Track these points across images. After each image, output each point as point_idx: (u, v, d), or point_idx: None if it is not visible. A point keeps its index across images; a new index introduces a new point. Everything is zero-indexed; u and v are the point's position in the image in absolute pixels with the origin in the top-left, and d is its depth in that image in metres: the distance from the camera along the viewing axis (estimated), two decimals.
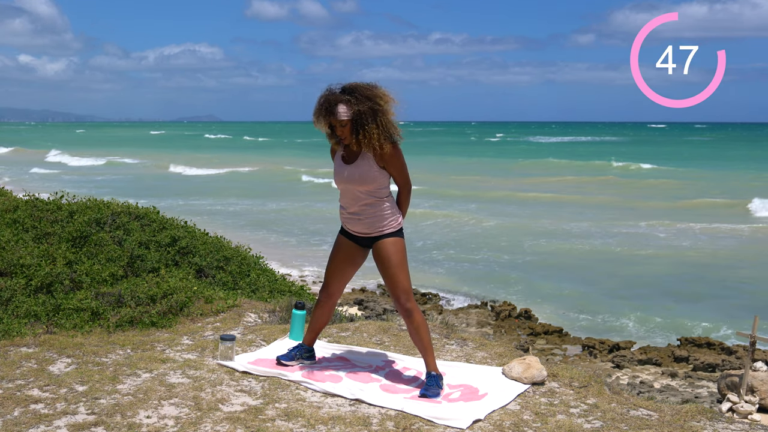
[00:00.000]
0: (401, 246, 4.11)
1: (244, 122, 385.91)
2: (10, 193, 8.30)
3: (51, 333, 4.95)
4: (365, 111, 3.76)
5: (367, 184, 3.99)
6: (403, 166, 4.03)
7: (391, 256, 4.07)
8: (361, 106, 3.76)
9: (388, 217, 4.09)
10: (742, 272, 17.38)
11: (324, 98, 3.82)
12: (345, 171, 4.01)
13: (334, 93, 3.82)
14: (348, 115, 3.79)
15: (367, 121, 3.77)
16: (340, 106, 3.79)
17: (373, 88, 3.83)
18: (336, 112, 3.79)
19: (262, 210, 27.28)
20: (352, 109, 3.77)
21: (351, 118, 3.79)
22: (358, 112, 3.76)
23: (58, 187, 8.60)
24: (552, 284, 16.12)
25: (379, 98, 3.79)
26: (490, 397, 4.03)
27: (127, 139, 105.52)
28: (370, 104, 3.77)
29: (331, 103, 3.79)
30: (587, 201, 30.51)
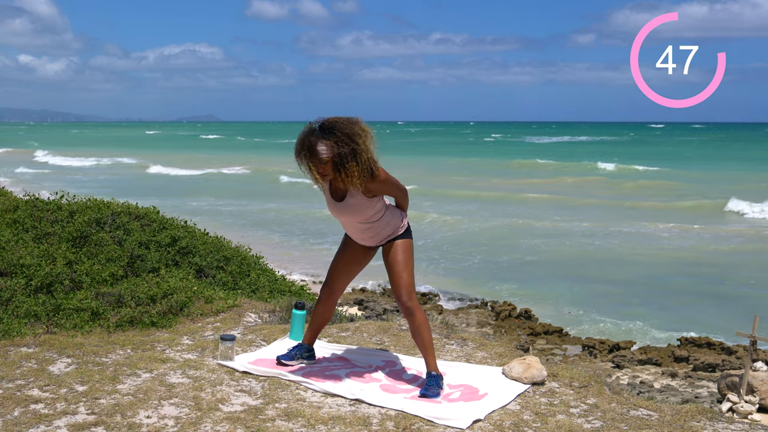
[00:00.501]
0: (409, 246, 4.16)
1: (244, 122, 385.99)
2: (11, 193, 8.30)
3: (51, 333, 4.95)
4: (345, 152, 3.72)
5: (362, 215, 4.01)
6: (392, 186, 4.01)
7: (398, 255, 4.11)
8: (341, 147, 3.71)
9: (393, 226, 4.13)
10: (742, 272, 17.39)
11: (304, 139, 3.77)
12: (336, 207, 4.02)
13: (314, 133, 3.76)
14: (328, 154, 3.73)
15: (347, 160, 3.73)
16: (320, 145, 3.73)
17: (352, 125, 3.77)
18: (316, 152, 3.74)
19: (241, 211, 27.08)
20: (332, 149, 3.72)
21: (331, 157, 3.73)
22: (338, 153, 3.72)
23: (38, 185, 8.62)
24: (552, 284, 16.12)
25: (358, 137, 3.74)
26: (490, 397, 4.03)
27: (121, 139, 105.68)
28: (350, 144, 3.72)
29: (311, 144, 3.74)
30: (575, 203, 30.41)
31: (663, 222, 24.36)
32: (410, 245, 4.18)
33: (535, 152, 64.99)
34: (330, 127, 3.74)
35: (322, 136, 3.74)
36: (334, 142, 3.71)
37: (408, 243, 4.16)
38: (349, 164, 3.72)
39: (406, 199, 4.19)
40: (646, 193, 34.05)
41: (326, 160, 3.74)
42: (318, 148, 3.73)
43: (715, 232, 22.75)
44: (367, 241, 4.19)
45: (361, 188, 3.85)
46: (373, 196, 3.95)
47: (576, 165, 48.69)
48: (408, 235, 4.19)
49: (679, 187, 35.44)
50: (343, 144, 3.70)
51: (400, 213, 4.18)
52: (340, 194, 3.99)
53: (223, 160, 53.54)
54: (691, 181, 38.14)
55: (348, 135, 3.71)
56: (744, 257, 19.15)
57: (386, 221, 4.09)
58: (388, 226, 4.11)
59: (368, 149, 3.77)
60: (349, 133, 3.72)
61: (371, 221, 4.06)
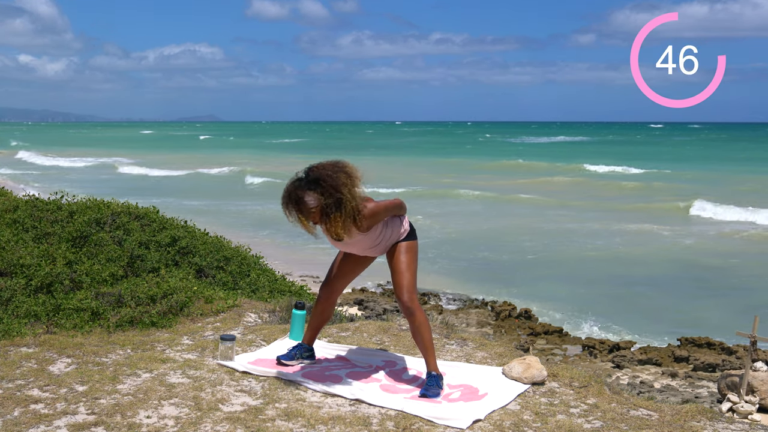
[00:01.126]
0: (413, 247, 4.21)
1: (244, 122, 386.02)
2: (11, 193, 8.30)
3: (51, 333, 4.95)
4: (330, 203, 3.76)
5: (363, 245, 4.10)
6: (384, 213, 4.02)
7: (402, 256, 4.15)
8: (327, 199, 3.75)
9: (396, 235, 4.17)
10: (742, 272, 17.39)
11: (291, 191, 3.81)
12: (339, 244, 4.12)
13: (300, 185, 3.79)
14: (315, 204, 3.76)
15: (332, 210, 3.77)
16: (306, 197, 3.76)
17: (338, 173, 3.79)
18: (304, 204, 3.77)
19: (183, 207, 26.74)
20: (318, 200, 3.76)
21: (319, 204, 3.77)
22: (324, 205, 3.76)
23: (13, 184, 8.61)
24: (552, 284, 16.12)
25: (343, 186, 3.76)
26: (490, 397, 4.03)
27: (112, 139, 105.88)
28: (335, 195, 3.75)
29: (298, 197, 3.77)
30: (544, 203, 30.32)
31: (623, 223, 24.33)
32: (414, 246, 4.23)
33: (522, 153, 64.95)
34: (316, 178, 3.77)
35: (308, 187, 3.77)
36: (320, 194, 3.75)
37: (412, 244, 4.21)
38: (333, 215, 3.77)
39: (402, 210, 4.21)
40: (620, 194, 33.94)
41: (314, 210, 3.78)
42: (305, 200, 3.76)
43: (738, 235, 22.68)
44: (373, 253, 4.25)
45: (345, 233, 3.87)
46: (368, 230, 3.99)
47: (556, 166, 48.26)
48: (412, 237, 4.24)
49: (661, 188, 35.34)
50: (329, 195, 3.75)
51: (400, 220, 4.20)
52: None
53: (208, 161, 53.45)
54: (674, 181, 38.00)
55: (333, 186, 3.75)
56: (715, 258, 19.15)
57: (388, 236, 4.15)
58: (391, 238, 4.17)
59: (354, 197, 3.80)
60: (334, 185, 3.75)
61: (374, 244, 4.13)
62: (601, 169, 46.11)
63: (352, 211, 3.81)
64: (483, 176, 41.89)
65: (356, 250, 4.18)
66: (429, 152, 65.89)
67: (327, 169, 3.80)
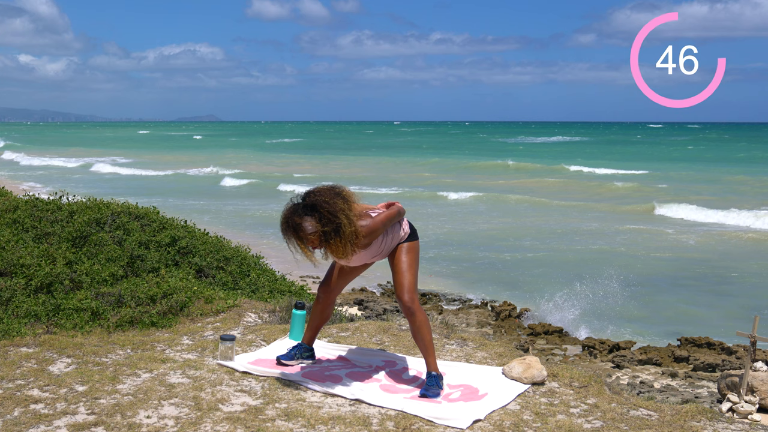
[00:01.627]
0: (414, 247, 4.23)
1: (244, 122, 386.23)
2: (11, 193, 8.30)
3: (51, 333, 4.95)
4: (330, 228, 3.77)
5: (367, 258, 4.15)
6: (382, 225, 4.03)
7: (403, 256, 4.17)
8: (325, 225, 3.77)
9: (396, 238, 4.19)
10: (741, 272, 17.40)
11: (288, 218, 3.82)
12: (342, 262, 4.16)
13: (297, 212, 3.81)
14: (313, 230, 3.78)
15: (331, 236, 3.78)
16: (305, 224, 3.77)
17: (334, 199, 3.80)
18: (302, 230, 3.78)
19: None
20: (316, 226, 3.77)
21: (317, 229, 3.78)
22: (323, 231, 3.77)
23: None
24: (552, 284, 16.12)
25: (341, 212, 3.78)
26: (490, 397, 4.03)
27: (107, 139, 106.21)
28: (333, 221, 3.77)
29: (296, 224, 3.78)
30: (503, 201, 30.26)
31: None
32: (416, 247, 4.25)
33: (511, 153, 65.00)
34: (312, 204, 3.79)
35: (305, 213, 3.79)
36: (317, 220, 3.76)
37: (414, 245, 4.24)
38: (333, 240, 3.78)
39: (400, 217, 4.21)
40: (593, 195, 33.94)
41: (312, 237, 3.79)
42: (303, 226, 3.77)
43: (737, 236, 22.68)
44: (376, 258, 4.27)
45: (347, 256, 3.88)
46: (368, 245, 4.02)
47: (541, 167, 48.02)
48: (414, 238, 4.26)
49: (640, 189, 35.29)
50: (327, 222, 3.76)
51: (399, 224, 4.21)
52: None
53: (192, 161, 53.48)
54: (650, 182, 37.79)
55: (331, 213, 3.76)
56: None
57: (389, 242, 4.17)
58: (391, 243, 4.19)
59: (351, 222, 3.81)
60: (331, 211, 3.76)
61: (375, 254, 4.17)
62: (585, 169, 46.12)
63: (351, 235, 3.82)
64: (469, 176, 42.01)
65: (358, 262, 4.20)
66: (420, 153, 66.04)
67: (323, 194, 3.82)
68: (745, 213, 25.60)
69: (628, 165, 48.31)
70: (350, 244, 3.83)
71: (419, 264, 4.28)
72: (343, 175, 41.18)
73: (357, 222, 3.86)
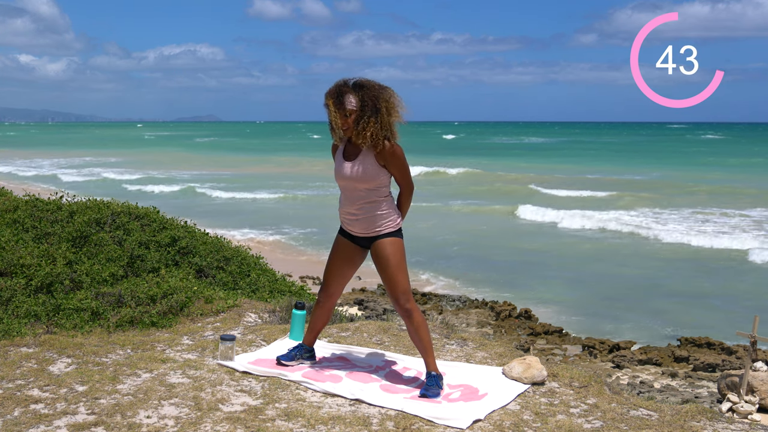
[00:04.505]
0: (400, 246, 4.12)
1: (243, 122, 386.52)
2: (11, 193, 8.29)
3: (51, 333, 4.95)
4: (370, 106, 3.91)
5: (368, 182, 4.01)
6: (405, 167, 4.06)
7: (390, 257, 4.08)
8: (366, 104, 3.91)
9: (386, 217, 4.09)
10: (741, 272, 17.40)
11: (336, 88, 3.98)
12: (346, 167, 4.06)
13: (347, 84, 3.98)
14: (354, 105, 3.92)
15: (368, 115, 3.91)
16: (348, 96, 3.93)
17: (382, 90, 3.97)
18: (344, 101, 3.93)
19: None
20: (357, 103, 3.92)
21: (357, 109, 3.92)
22: (362, 106, 3.91)
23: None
24: (552, 284, 16.13)
25: (383, 101, 3.93)
26: (490, 397, 4.03)
27: (95, 138, 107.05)
28: (375, 104, 3.91)
29: (341, 92, 3.94)
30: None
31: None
32: (401, 245, 4.14)
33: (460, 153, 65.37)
34: (362, 84, 3.96)
35: (353, 89, 3.95)
36: (360, 98, 3.91)
37: (399, 243, 4.13)
38: (368, 119, 3.90)
39: (410, 195, 4.19)
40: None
41: (351, 111, 3.93)
42: (346, 98, 3.92)
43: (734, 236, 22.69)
44: (356, 227, 4.14)
45: (374, 144, 3.95)
46: (383, 166, 4.00)
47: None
48: (399, 235, 4.15)
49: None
50: (369, 100, 3.91)
51: (397, 212, 4.17)
52: (354, 153, 4.06)
53: (157, 162, 53.95)
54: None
55: (375, 97, 3.93)
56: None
57: (383, 209, 4.07)
58: (382, 216, 4.08)
59: (390, 115, 3.95)
60: (376, 96, 3.93)
61: (373, 194, 4.04)
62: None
63: (384, 126, 3.94)
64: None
65: (350, 192, 4.09)
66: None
67: (374, 83, 3.99)
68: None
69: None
70: (380, 133, 3.92)
71: (409, 266, 4.23)
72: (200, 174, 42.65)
73: (393, 126, 3.97)
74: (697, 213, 27.01)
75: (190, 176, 43.64)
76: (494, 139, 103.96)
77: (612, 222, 24.69)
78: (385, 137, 3.95)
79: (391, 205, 4.12)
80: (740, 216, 26.33)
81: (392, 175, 4.06)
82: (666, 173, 44.31)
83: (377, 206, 4.07)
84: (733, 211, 27.64)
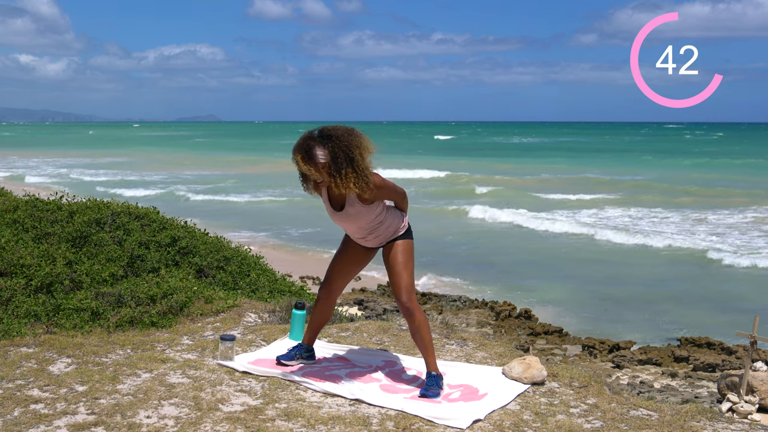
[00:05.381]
0: (409, 246, 4.18)
1: (243, 122, 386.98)
2: (10, 193, 8.29)
3: (51, 333, 4.95)
4: (342, 158, 3.76)
5: (365, 220, 4.04)
6: (389, 191, 4.03)
7: (398, 256, 4.13)
8: (338, 154, 3.76)
9: (395, 226, 4.15)
10: (741, 272, 17.40)
11: (303, 142, 3.82)
12: (338, 216, 4.06)
13: (312, 138, 3.82)
14: (325, 159, 3.77)
15: (343, 166, 3.77)
16: (317, 150, 3.77)
17: (350, 135, 3.82)
18: (313, 156, 3.77)
19: None
20: (327, 156, 3.77)
21: (327, 161, 3.77)
22: (334, 158, 3.76)
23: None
24: (552, 284, 16.13)
25: (355, 147, 3.79)
26: (490, 397, 4.03)
27: (87, 138, 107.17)
28: (347, 153, 3.77)
29: (309, 147, 3.78)
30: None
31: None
32: (411, 245, 4.19)
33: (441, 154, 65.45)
34: (329, 134, 3.79)
35: (320, 141, 3.79)
36: (330, 149, 3.76)
37: (408, 243, 4.18)
38: (345, 170, 3.77)
39: (405, 201, 4.20)
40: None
41: (322, 165, 3.77)
42: (315, 152, 3.77)
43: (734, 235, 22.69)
44: (369, 243, 4.21)
45: (358, 194, 3.88)
46: (371, 203, 3.98)
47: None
48: (409, 236, 4.21)
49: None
50: (340, 151, 3.75)
51: (401, 214, 4.19)
52: (339, 203, 4.02)
53: (159, 164, 53.99)
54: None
55: (346, 145, 3.77)
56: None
57: (387, 224, 4.11)
58: (389, 229, 4.13)
59: (364, 159, 3.81)
60: (346, 144, 3.77)
61: (372, 226, 4.09)
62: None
63: (363, 172, 3.80)
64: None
65: (353, 228, 4.11)
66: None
67: (341, 129, 3.83)
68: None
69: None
70: (361, 180, 3.80)
71: (415, 264, 4.26)
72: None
73: (370, 162, 3.84)
74: (697, 213, 27.02)
75: (179, 178, 42.81)
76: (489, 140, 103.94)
77: (611, 222, 24.69)
78: (365, 181, 3.84)
79: (394, 214, 4.15)
80: (740, 216, 26.32)
81: (383, 199, 4.07)
82: (667, 173, 44.34)
83: (383, 224, 4.11)
84: (732, 211, 27.66)
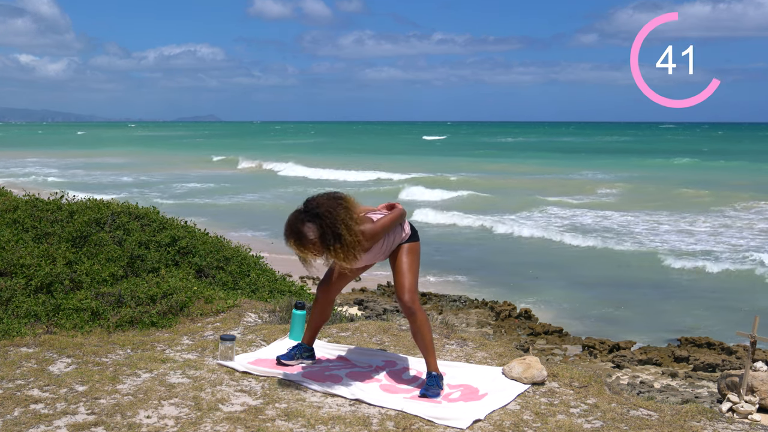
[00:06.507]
0: (415, 248, 4.23)
1: (243, 122, 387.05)
2: (10, 193, 8.29)
3: (51, 333, 4.95)
4: (330, 236, 3.79)
5: (369, 261, 4.18)
6: (385, 229, 4.06)
7: (404, 257, 4.18)
8: (326, 231, 3.79)
9: (398, 238, 4.20)
10: (740, 272, 17.40)
11: (291, 225, 3.85)
12: (344, 274, 4.26)
13: (299, 218, 3.84)
14: (315, 236, 3.80)
15: (332, 242, 3.80)
16: (305, 229, 3.80)
17: (336, 207, 3.84)
18: (304, 236, 3.80)
19: None
20: (316, 232, 3.79)
21: (317, 237, 3.80)
22: (322, 235, 3.79)
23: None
24: (552, 284, 16.13)
25: (342, 223, 3.81)
26: (490, 397, 4.03)
27: (80, 138, 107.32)
28: (334, 229, 3.79)
29: (299, 230, 3.81)
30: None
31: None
32: (417, 248, 4.25)
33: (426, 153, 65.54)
34: (316, 214, 3.81)
35: (308, 220, 3.81)
36: (319, 226, 3.79)
37: (415, 246, 4.24)
38: (333, 246, 3.80)
39: (402, 220, 4.22)
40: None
41: (313, 243, 3.80)
42: (304, 232, 3.79)
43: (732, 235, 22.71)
44: (378, 259, 4.28)
45: (348, 263, 3.91)
46: (369, 248, 4.04)
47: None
48: (415, 239, 4.26)
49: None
50: (327, 229, 3.78)
51: (401, 226, 4.23)
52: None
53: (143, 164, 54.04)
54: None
55: (332, 224, 3.79)
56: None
57: (390, 243, 4.17)
58: (393, 244, 4.20)
59: (352, 230, 3.84)
60: (332, 222, 3.79)
61: (376, 256, 4.19)
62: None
63: (352, 243, 3.85)
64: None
65: (359, 264, 4.19)
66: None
67: (324, 203, 3.85)
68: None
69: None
70: (352, 250, 3.85)
71: (420, 265, 4.28)
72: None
73: (358, 228, 3.87)
74: (696, 213, 27.02)
75: (164, 178, 42.15)
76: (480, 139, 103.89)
77: (611, 222, 24.70)
78: (354, 253, 3.87)
79: (394, 232, 4.18)
80: (740, 216, 26.33)
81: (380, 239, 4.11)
82: (667, 173, 44.34)
83: (384, 247, 4.16)
84: (732, 210, 27.66)
